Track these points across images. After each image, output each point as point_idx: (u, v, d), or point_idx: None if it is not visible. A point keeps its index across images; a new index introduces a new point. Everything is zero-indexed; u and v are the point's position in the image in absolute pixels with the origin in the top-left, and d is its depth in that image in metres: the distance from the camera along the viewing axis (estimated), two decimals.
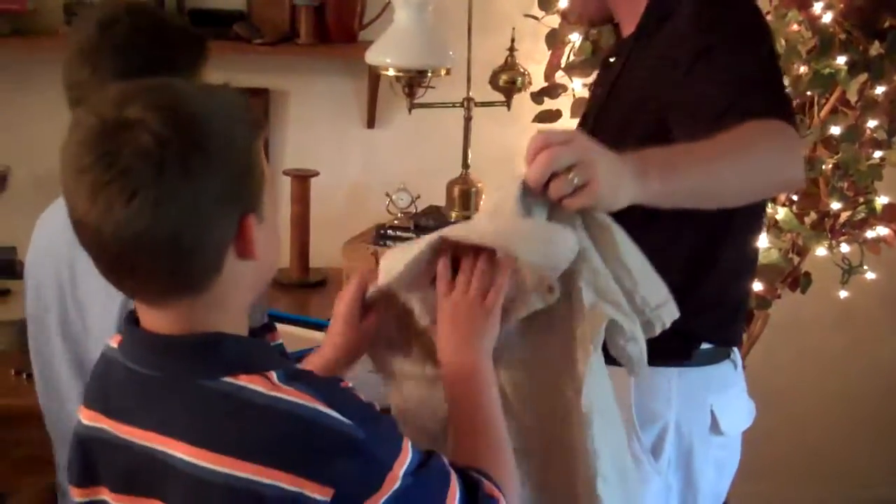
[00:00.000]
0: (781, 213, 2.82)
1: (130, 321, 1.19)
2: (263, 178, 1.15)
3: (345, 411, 1.09)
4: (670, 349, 1.78)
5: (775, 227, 2.84)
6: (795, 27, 2.79)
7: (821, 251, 2.92)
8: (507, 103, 2.92)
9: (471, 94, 2.87)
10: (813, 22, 2.76)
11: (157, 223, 1.04)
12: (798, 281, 3.00)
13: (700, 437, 1.83)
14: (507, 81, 2.87)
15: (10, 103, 3.02)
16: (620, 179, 1.32)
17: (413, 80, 2.77)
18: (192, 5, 2.92)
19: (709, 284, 1.73)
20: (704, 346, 1.83)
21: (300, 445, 1.07)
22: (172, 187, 1.04)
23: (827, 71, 2.75)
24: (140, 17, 1.69)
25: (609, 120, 1.86)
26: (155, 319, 1.15)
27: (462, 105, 2.87)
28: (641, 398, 1.81)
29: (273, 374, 1.11)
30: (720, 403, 1.84)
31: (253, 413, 1.09)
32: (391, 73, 2.69)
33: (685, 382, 1.81)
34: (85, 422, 1.23)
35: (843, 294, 3.06)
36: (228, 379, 1.11)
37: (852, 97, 2.89)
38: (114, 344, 1.23)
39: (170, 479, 1.12)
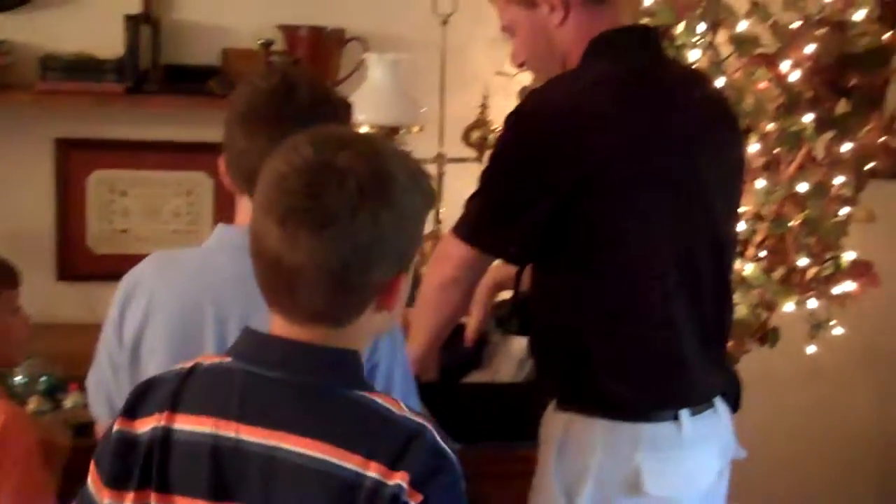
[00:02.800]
0: (749, 269, 2.85)
1: (251, 330, 1.29)
2: (421, 244, 1.33)
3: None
4: (596, 402, 1.83)
5: (744, 284, 2.86)
6: (763, 84, 2.84)
7: (789, 306, 2.95)
8: (480, 159, 2.92)
9: (443, 150, 2.90)
10: (781, 80, 2.81)
11: (332, 256, 1.19)
12: (767, 336, 3.03)
13: (622, 493, 1.82)
14: (480, 137, 2.90)
15: None
16: None
17: (387, 137, 2.79)
18: (167, 61, 2.93)
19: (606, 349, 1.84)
20: (642, 404, 1.83)
21: (413, 450, 1.19)
22: (357, 231, 1.19)
23: (794, 128, 2.80)
24: (317, 86, 1.64)
25: None
26: (292, 331, 1.26)
27: (435, 161, 2.89)
28: (567, 439, 1.84)
29: (401, 402, 1.26)
30: (651, 463, 1.81)
31: (387, 423, 1.22)
32: (365, 129, 2.71)
33: (613, 435, 1.82)
34: (187, 428, 1.25)
35: (811, 349, 3.08)
36: (363, 393, 1.24)
37: (819, 154, 2.93)
38: (214, 360, 1.30)
39: (281, 474, 1.20)
